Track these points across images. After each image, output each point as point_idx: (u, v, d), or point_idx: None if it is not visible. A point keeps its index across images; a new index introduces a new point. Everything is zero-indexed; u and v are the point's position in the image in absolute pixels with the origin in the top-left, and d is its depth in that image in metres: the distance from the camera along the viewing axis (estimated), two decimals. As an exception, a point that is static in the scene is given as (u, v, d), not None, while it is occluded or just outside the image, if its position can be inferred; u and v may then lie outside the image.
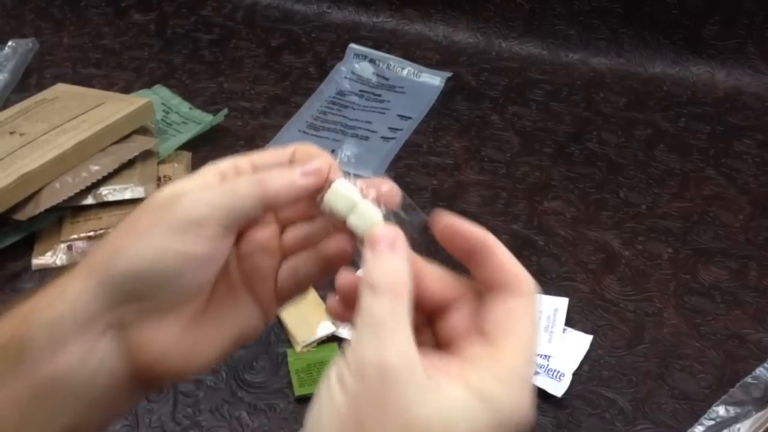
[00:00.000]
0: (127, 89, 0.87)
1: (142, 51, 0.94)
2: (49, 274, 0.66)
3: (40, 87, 0.84)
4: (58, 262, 0.66)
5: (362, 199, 0.31)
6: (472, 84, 0.89)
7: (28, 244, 0.68)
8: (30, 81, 0.89)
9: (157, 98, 0.84)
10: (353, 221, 0.30)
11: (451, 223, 0.29)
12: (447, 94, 0.87)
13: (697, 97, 0.86)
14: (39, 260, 0.66)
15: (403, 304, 0.27)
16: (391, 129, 0.83)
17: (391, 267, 0.28)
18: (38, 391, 0.29)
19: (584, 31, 0.92)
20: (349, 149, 0.72)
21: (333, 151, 0.79)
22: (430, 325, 0.31)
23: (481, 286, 0.29)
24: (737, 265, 0.67)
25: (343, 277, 0.30)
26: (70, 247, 0.67)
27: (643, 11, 0.90)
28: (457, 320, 0.30)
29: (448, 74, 0.89)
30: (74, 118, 0.73)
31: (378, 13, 0.99)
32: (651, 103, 0.86)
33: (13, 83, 0.88)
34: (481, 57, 0.93)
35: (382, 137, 0.81)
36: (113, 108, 0.74)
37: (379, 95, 0.88)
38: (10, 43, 0.91)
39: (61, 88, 0.81)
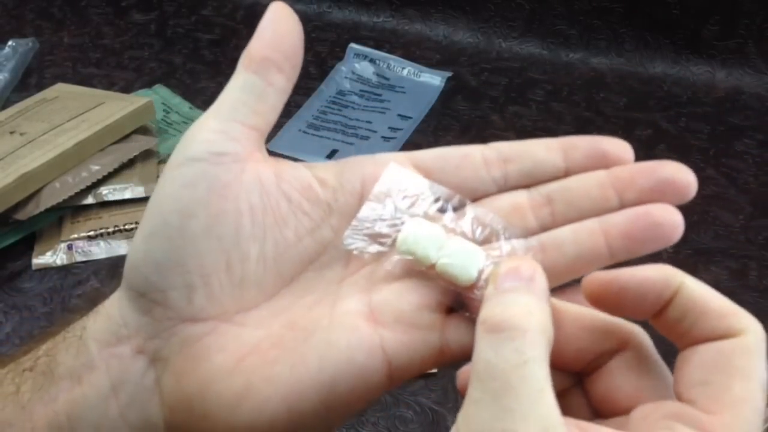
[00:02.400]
0: (127, 89, 0.87)
1: (142, 51, 0.94)
2: (49, 273, 0.66)
3: (41, 87, 0.84)
4: (59, 262, 0.66)
5: (450, 236, 0.26)
6: (473, 84, 0.89)
7: (28, 244, 0.68)
8: (30, 81, 0.89)
9: (158, 98, 0.84)
10: (447, 265, 0.25)
11: (611, 280, 0.22)
12: (447, 94, 0.87)
13: (698, 97, 0.86)
14: (39, 260, 0.66)
15: (541, 351, 0.20)
16: (392, 129, 0.83)
17: (521, 302, 0.21)
18: (53, 429, 0.25)
19: (584, 31, 0.92)
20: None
21: (334, 151, 0.79)
22: (580, 386, 0.24)
23: (678, 343, 0.22)
24: (737, 265, 0.67)
25: (464, 371, 0.24)
26: (70, 247, 0.67)
27: (643, 11, 0.90)
28: (621, 378, 0.23)
29: (449, 74, 0.90)
30: (74, 117, 0.73)
31: (378, 13, 0.99)
32: (651, 103, 0.86)
33: (14, 83, 0.88)
34: (481, 57, 0.93)
35: (383, 137, 0.81)
36: (113, 108, 0.74)
37: (380, 95, 0.88)
38: (10, 42, 0.91)
39: (61, 88, 0.81)
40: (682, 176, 0.26)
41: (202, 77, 0.89)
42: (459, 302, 0.26)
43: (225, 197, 0.25)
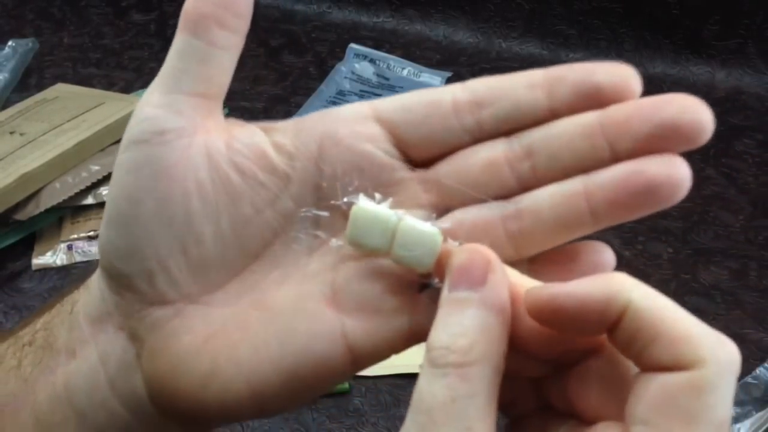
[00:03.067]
0: (127, 89, 0.87)
1: (142, 51, 0.94)
2: (49, 274, 0.66)
3: (40, 87, 0.84)
4: (59, 262, 0.66)
5: (401, 218, 0.23)
6: (473, 84, 0.89)
7: (28, 244, 0.68)
8: (30, 81, 0.89)
9: (157, 98, 0.83)
10: (402, 255, 0.23)
11: (549, 297, 0.20)
12: (447, 94, 0.87)
13: (698, 97, 0.86)
14: (39, 260, 0.66)
15: (476, 386, 0.19)
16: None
17: (466, 326, 0.20)
18: (53, 405, 0.26)
19: (584, 31, 0.92)
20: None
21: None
22: (559, 376, 0.22)
23: (635, 365, 0.20)
24: (737, 265, 0.67)
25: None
26: (70, 247, 0.67)
27: (643, 11, 0.90)
28: (589, 385, 0.21)
29: (449, 74, 0.89)
30: (74, 118, 0.73)
31: (378, 13, 0.99)
32: (651, 103, 0.86)
33: (13, 83, 0.88)
34: (481, 57, 0.93)
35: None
36: (113, 108, 0.74)
37: (380, 95, 0.88)
38: (10, 42, 0.91)
39: (61, 88, 0.81)
40: (689, 116, 0.22)
41: (202, 77, 0.89)
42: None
43: (171, 178, 0.24)
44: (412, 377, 0.57)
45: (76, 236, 0.67)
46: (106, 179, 0.70)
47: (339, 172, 0.25)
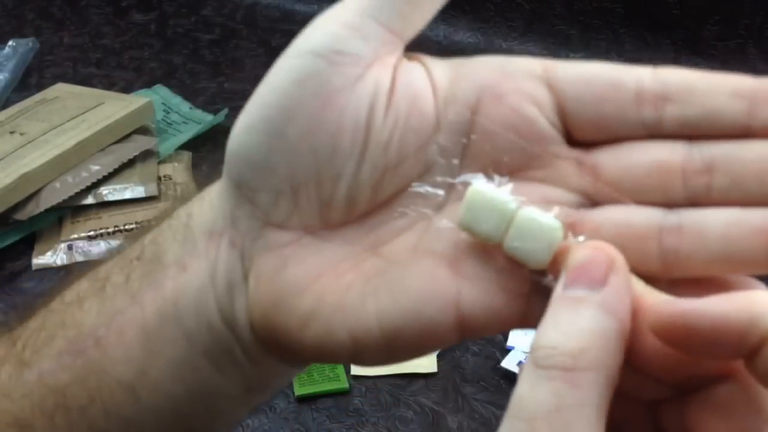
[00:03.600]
0: (127, 89, 0.87)
1: (142, 51, 0.94)
2: (49, 273, 0.66)
3: (41, 87, 0.84)
4: (59, 262, 0.66)
5: (521, 206, 0.21)
6: (473, 84, 0.89)
7: (28, 244, 0.68)
8: (30, 81, 0.89)
9: (158, 98, 0.84)
10: (515, 247, 0.21)
11: (678, 314, 0.18)
12: (447, 94, 0.87)
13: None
14: (39, 260, 0.66)
15: (585, 395, 0.17)
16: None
17: (579, 327, 0.18)
18: (161, 322, 0.24)
19: (585, 32, 0.92)
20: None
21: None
22: (654, 410, 0.20)
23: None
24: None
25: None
26: (70, 247, 0.67)
27: (643, 11, 0.90)
28: (709, 418, 0.19)
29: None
30: (74, 117, 0.73)
31: (378, 13, 0.99)
32: (651, 103, 0.86)
33: (14, 83, 0.88)
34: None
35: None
36: (113, 108, 0.74)
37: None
38: (10, 42, 0.91)
39: (61, 88, 0.81)
40: None
41: (202, 77, 0.89)
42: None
43: (331, 106, 0.22)
44: (412, 377, 0.57)
45: (76, 236, 0.67)
46: (106, 179, 0.70)
47: (493, 130, 0.22)
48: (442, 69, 0.24)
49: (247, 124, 0.23)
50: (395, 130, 0.23)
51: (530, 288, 0.22)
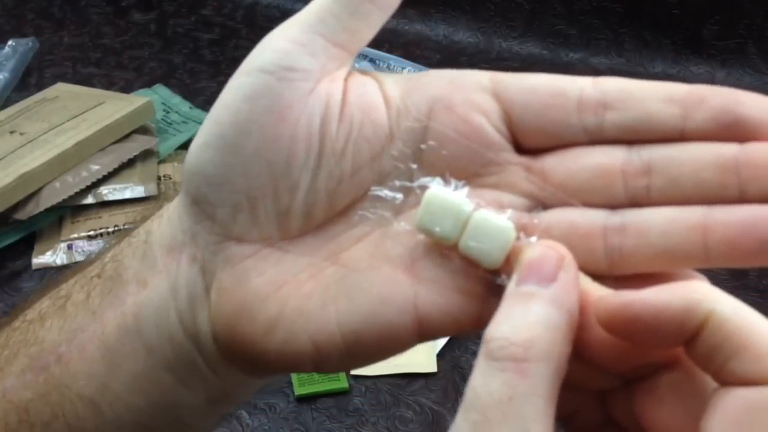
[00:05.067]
0: (127, 89, 0.87)
1: (142, 50, 0.94)
2: (49, 273, 0.66)
3: (40, 86, 0.84)
4: (59, 262, 0.66)
5: (476, 208, 0.22)
6: (473, 84, 0.89)
7: (28, 244, 0.68)
8: (30, 80, 0.89)
9: (158, 98, 0.84)
10: (470, 247, 0.22)
11: (623, 306, 0.19)
12: (447, 94, 0.87)
13: (698, 97, 0.86)
14: (39, 260, 0.66)
15: (535, 385, 0.18)
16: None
17: (530, 320, 0.19)
18: (122, 338, 0.25)
19: (585, 31, 0.92)
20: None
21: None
22: (628, 390, 0.21)
23: (714, 380, 0.18)
24: (737, 265, 0.67)
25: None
26: (70, 247, 0.67)
27: (643, 11, 0.90)
28: (661, 401, 0.20)
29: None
30: (74, 117, 0.73)
31: (378, 13, 0.99)
32: (651, 103, 0.86)
33: (13, 82, 0.88)
34: (481, 57, 0.93)
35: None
36: (113, 107, 0.74)
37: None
38: (10, 42, 0.91)
39: (61, 88, 0.81)
40: None
41: (202, 77, 0.89)
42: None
43: (284, 119, 0.23)
44: (412, 377, 0.57)
45: (76, 236, 0.67)
46: (106, 179, 0.70)
47: (447, 137, 0.24)
48: (393, 82, 0.25)
49: (203, 141, 0.24)
50: (349, 140, 0.24)
51: (485, 290, 0.22)
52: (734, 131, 0.21)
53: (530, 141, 0.24)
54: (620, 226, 0.22)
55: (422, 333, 0.23)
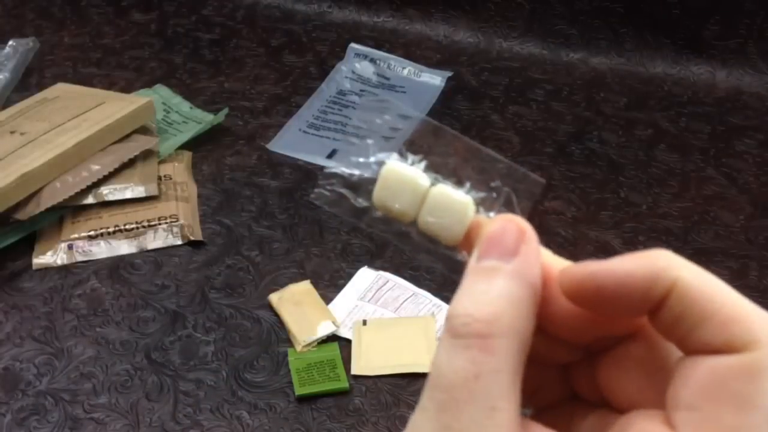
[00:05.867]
0: (127, 89, 0.87)
1: (142, 50, 0.94)
2: (50, 273, 0.66)
3: (41, 86, 0.84)
4: (59, 262, 0.66)
5: (434, 182, 0.21)
6: (473, 84, 0.89)
7: (28, 244, 0.68)
8: (30, 80, 0.89)
9: (158, 98, 0.84)
10: (429, 222, 0.21)
11: (588, 276, 0.18)
12: (447, 94, 0.87)
13: (698, 96, 0.86)
14: (39, 260, 0.66)
15: (501, 361, 0.17)
16: (392, 129, 0.83)
17: (492, 295, 0.18)
18: None
19: (585, 31, 0.92)
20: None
21: (334, 151, 0.79)
22: (590, 362, 0.20)
23: (679, 348, 0.18)
24: (737, 265, 0.67)
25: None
26: (70, 247, 0.67)
27: (643, 11, 0.90)
28: (624, 371, 0.19)
29: (449, 74, 0.89)
30: (75, 117, 0.73)
31: (378, 13, 0.99)
32: (652, 102, 0.86)
33: (14, 83, 0.88)
34: (481, 56, 0.93)
35: (383, 137, 0.81)
36: (114, 107, 0.74)
37: (380, 95, 0.88)
38: (10, 42, 0.91)
39: (61, 88, 0.81)
40: None
41: (203, 77, 0.89)
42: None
43: None
44: (412, 377, 0.57)
45: (76, 236, 0.67)
46: (106, 179, 0.70)
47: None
48: None
49: None
50: None
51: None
52: None
53: None
54: None
55: None
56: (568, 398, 0.22)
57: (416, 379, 0.57)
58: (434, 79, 0.89)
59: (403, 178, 0.21)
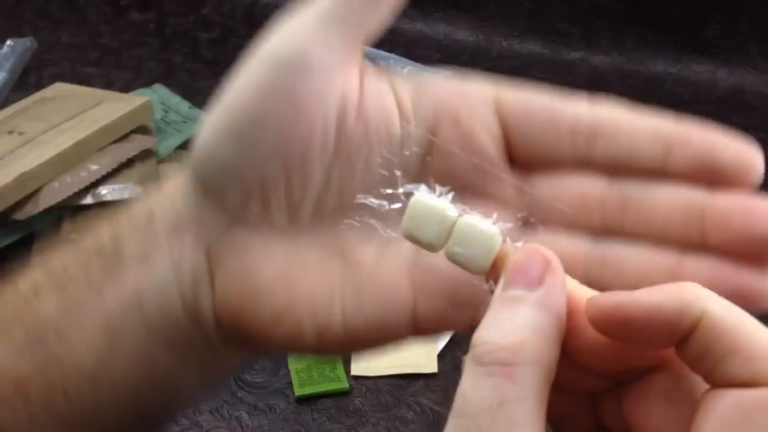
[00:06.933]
0: (126, 88, 0.87)
1: (141, 50, 0.94)
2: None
3: (39, 86, 0.84)
4: (57, 262, 0.66)
5: (461, 213, 0.22)
6: (473, 83, 0.89)
7: (27, 244, 0.67)
8: (28, 80, 0.89)
9: (156, 97, 0.83)
10: (457, 253, 0.22)
11: (615, 306, 0.19)
12: (447, 93, 0.87)
13: (699, 96, 0.86)
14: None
15: (525, 389, 0.18)
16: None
17: (518, 324, 0.19)
18: (123, 314, 0.25)
19: (585, 30, 0.92)
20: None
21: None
22: (618, 392, 0.21)
23: (705, 381, 0.19)
24: (739, 264, 0.66)
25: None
26: (69, 247, 0.67)
27: (644, 10, 0.89)
28: (651, 403, 0.20)
29: (449, 73, 0.89)
30: (73, 117, 0.73)
31: (378, 12, 0.98)
32: (652, 102, 0.85)
33: (12, 82, 0.88)
34: (482, 55, 0.92)
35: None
36: (112, 107, 0.74)
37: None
38: (8, 42, 0.91)
39: (59, 87, 0.81)
40: None
41: (201, 76, 0.89)
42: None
43: (301, 114, 0.23)
44: (412, 377, 0.57)
45: (75, 236, 0.67)
46: (104, 179, 0.69)
47: (446, 152, 0.24)
48: (404, 85, 0.25)
49: (215, 129, 0.24)
50: (364, 139, 0.24)
51: (480, 300, 0.22)
52: (710, 176, 0.22)
53: (522, 155, 0.25)
54: (600, 259, 0.23)
55: (417, 333, 0.24)
56: (594, 428, 0.22)
57: (416, 379, 0.56)
58: (434, 79, 0.89)
59: (431, 210, 0.22)
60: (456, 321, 0.24)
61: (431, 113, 0.25)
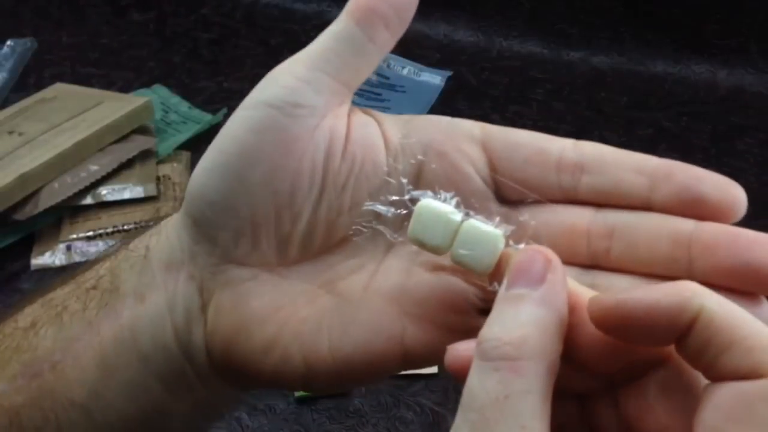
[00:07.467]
0: (126, 88, 0.87)
1: (141, 50, 0.94)
2: (48, 274, 0.65)
3: (39, 86, 0.84)
4: (57, 262, 0.66)
5: (465, 217, 0.23)
6: (473, 83, 0.89)
7: (27, 244, 0.67)
8: (29, 80, 0.89)
9: (156, 97, 0.83)
10: (462, 255, 0.22)
11: (616, 305, 0.19)
12: (447, 93, 0.87)
13: (699, 96, 0.86)
14: (38, 260, 0.66)
15: (530, 382, 0.18)
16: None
17: (521, 321, 0.19)
18: (117, 347, 0.26)
19: (585, 30, 0.92)
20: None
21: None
22: (612, 393, 0.21)
23: (705, 376, 0.19)
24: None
25: (453, 355, 0.21)
26: (69, 247, 0.67)
27: (644, 10, 0.89)
28: (652, 400, 0.20)
29: (449, 73, 0.89)
30: (73, 117, 0.73)
31: (378, 12, 0.98)
32: (652, 102, 0.85)
33: (12, 82, 0.88)
34: (481, 56, 0.92)
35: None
36: (112, 107, 0.74)
37: (380, 94, 0.88)
38: (8, 42, 0.91)
39: (59, 88, 0.81)
40: None
41: (201, 77, 0.89)
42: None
43: (290, 152, 0.24)
44: (413, 378, 0.57)
45: (75, 236, 0.67)
46: (105, 179, 0.69)
47: (435, 185, 0.25)
48: (392, 124, 0.27)
49: (209, 167, 0.25)
50: (350, 175, 0.25)
51: (468, 328, 0.23)
52: (694, 208, 0.23)
53: (511, 192, 0.25)
54: (590, 287, 0.23)
55: (407, 362, 0.25)
56: None
57: (416, 380, 0.56)
58: (434, 79, 0.89)
59: (437, 215, 0.23)
60: (445, 345, 0.23)
61: (419, 148, 0.26)
